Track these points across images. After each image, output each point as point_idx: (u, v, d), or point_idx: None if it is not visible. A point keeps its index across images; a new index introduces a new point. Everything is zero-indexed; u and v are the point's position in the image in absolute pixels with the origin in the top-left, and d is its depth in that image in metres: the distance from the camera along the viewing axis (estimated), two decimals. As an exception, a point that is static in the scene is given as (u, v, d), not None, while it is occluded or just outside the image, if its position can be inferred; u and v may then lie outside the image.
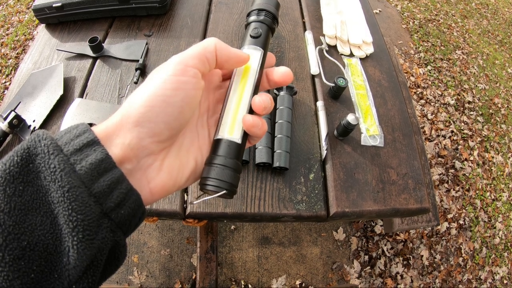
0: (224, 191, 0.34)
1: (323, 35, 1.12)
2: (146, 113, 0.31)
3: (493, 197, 2.41)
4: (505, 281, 2.12)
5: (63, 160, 0.26)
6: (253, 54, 0.40)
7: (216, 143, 0.37)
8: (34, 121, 0.88)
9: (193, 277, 1.71)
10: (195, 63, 0.34)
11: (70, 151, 0.27)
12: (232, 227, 1.87)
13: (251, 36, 0.41)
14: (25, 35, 2.75)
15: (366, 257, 1.93)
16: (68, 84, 0.96)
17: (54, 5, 1.05)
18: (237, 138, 0.37)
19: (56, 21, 1.11)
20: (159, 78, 0.32)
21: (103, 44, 1.04)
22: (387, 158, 0.90)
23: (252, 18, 0.43)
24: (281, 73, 0.41)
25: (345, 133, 0.87)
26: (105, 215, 0.27)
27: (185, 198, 0.80)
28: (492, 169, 2.54)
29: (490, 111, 2.91)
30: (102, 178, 0.27)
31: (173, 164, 0.35)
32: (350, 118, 0.82)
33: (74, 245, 0.25)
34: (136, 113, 0.31)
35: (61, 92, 0.91)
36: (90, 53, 1.02)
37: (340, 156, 0.87)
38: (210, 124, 0.40)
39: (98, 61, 1.02)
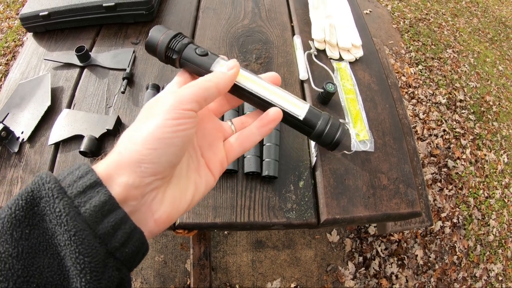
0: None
1: (312, 40, 1.12)
2: (149, 155, 0.32)
3: (486, 194, 2.43)
4: (500, 278, 2.13)
5: (67, 203, 0.27)
6: (227, 63, 0.41)
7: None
8: (22, 132, 0.87)
9: (188, 283, 1.70)
10: (193, 106, 0.34)
11: (74, 194, 0.28)
12: (226, 232, 1.86)
13: (202, 55, 0.42)
14: (15, 41, 2.72)
15: (361, 258, 1.93)
16: (55, 94, 0.95)
17: (40, 13, 1.04)
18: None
19: (44, 30, 1.10)
20: (158, 120, 0.33)
21: (90, 53, 1.03)
22: (378, 163, 0.90)
23: (182, 43, 0.43)
24: (269, 78, 0.43)
25: (334, 139, 0.86)
26: (111, 254, 0.28)
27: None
28: (484, 167, 2.55)
29: (482, 109, 2.93)
30: (106, 219, 0.28)
31: (175, 193, 0.36)
32: (339, 124, 0.82)
33: (82, 286, 0.25)
34: (138, 154, 0.31)
35: (48, 103, 0.90)
36: (77, 62, 1.01)
37: (330, 162, 0.86)
38: (199, 145, 0.41)
39: (85, 70, 1.01)
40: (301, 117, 0.43)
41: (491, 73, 3.34)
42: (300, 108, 0.43)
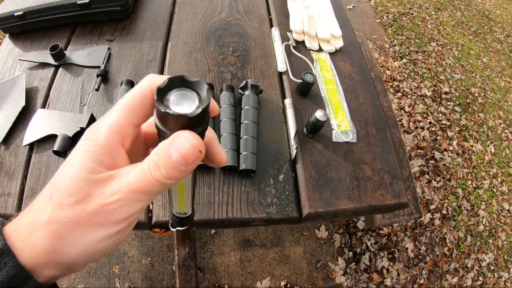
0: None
1: (291, 31, 1.09)
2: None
3: (474, 185, 2.43)
4: (492, 268, 2.14)
5: None
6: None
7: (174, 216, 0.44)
8: (-4, 135, 0.84)
9: (175, 285, 1.66)
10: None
11: None
12: (213, 231, 1.83)
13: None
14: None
15: (351, 254, 1.92)
16: (30, 94, 0.92)
17: (15, 13, 1.02)
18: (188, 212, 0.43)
19: (19, 30, 1.08)
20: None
21: (65, 51, 1.01)
22: (361, 153, 0.88)
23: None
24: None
25: (314, 131, 0.84)
26: None
27: (150, 208, 0.75)
28: (472, 158, 2.56)
29: (467, 100, 2.94)
30: None
31: None
32: (319, 114, 0.79)
33: None
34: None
35: (23, 103, 0.88)
36: (52, 61, 0.99)
37: (311, 154, 0.84)
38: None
39: (60, 69, 0.99)
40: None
41: (476, 65, 3.36)
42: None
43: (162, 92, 0.26)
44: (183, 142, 0.25)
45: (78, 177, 0.26)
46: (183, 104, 0.26)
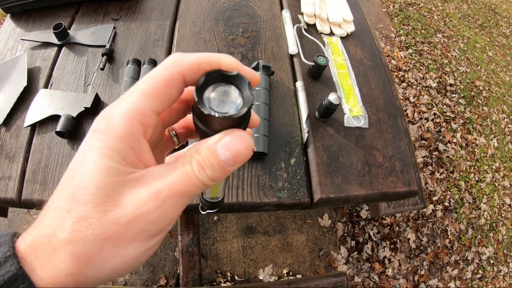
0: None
1: (301, 14, 1.06)
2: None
3: (477, 178, 2.42)
4: (491, 261, 2.14)
5: None
6: None
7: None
8: (-3, 116, 0.82)
9: (178, 271, 1.65)
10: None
11: None
12: (215, 218, 1.82)
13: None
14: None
15: (353, 243, 1.91)
16: (32, 74, 0.90)
17: None
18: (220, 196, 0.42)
19: (20, 10, 1.05)
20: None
21: (68, 30, 0.98)
22: (372, 139, 0.86)
23: None
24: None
25: (327, 114, 0.82)
26: None
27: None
28: (475, 151, 2.55)
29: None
30: None
31: None
32: (332, 97, 0.77)
33: None
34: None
35: (24, 83, 0.85)
36: (55, 40, 0.96)
37: (322, 138, 0.82)
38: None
39: (63, 48, 0.96)
40: None
41: (481, 58, 3.33)
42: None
43: (201, 91, 0.24)
44: (237, 141, 0.23)
45: (101, 182, 0.22)
46: (226, 102, 0.24)
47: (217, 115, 0.22)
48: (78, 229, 0.22)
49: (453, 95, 2.81)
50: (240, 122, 0.24)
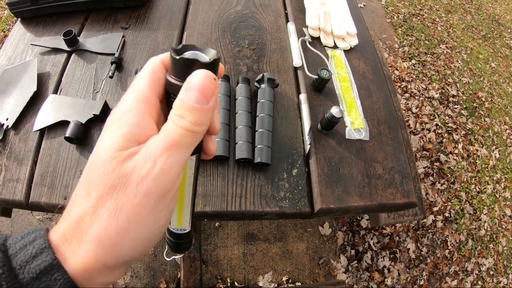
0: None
1: (306, 27, 1.09)
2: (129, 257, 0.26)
3: (478, 189, 2.43)
4: (491, 272, 2.14)
5: None
6: None
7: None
8: (7, 119, 0.84)
9: (178, 276, 1.67)
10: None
11: (26, 279, 0.23)
12: (217, 224, 1.83)
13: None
14: (4, 32, 2.64)
15: (353, 252, 1.92)
16: (42, 79, 0.92)
17: None
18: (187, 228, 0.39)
19: (31, 15, 1.07)
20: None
21: (78, 37, 1.00)
22: (373, 152, 0.88)
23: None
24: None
25: (329, 127, 0.84)
26: None
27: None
28: (476, 162, 2.56)
29: (474, 104, 2.93)
30: None
31: None
32: (334, 110, 0.79)
33: None
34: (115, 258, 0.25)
35: (34, 88, 0.87)
36: (65, 47, 0.98)
37: (324, 150, 0.84)
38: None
39: (73, 55, 0.98)
40: None
41: (484, 69, 3.35)
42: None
43: (177, 51, 0.28)
44: (196, 77, 0.26)
45: (108, 159, 0.25)
46: (197, 58, 0.27)
47: (186, 56, 0.26)
48: (100, 210, 0.24)
49: (456, 106, 2.83)
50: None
